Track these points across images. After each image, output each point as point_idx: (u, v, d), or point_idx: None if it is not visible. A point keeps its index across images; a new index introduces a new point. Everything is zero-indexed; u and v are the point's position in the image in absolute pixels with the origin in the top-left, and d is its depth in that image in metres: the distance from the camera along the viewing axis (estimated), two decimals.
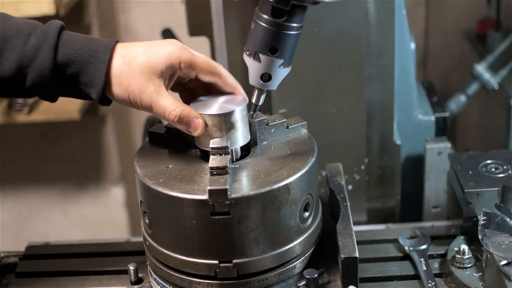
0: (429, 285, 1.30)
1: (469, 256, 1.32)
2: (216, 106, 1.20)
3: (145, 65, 1.14)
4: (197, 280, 1.18)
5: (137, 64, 1.14)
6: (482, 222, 1.28)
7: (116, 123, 2.95)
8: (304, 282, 1.18)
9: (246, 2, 1.51)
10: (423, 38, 2.69)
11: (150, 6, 2.81)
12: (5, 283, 1.43)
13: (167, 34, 2.12)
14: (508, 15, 2.36)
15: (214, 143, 1.17)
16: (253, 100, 1.21)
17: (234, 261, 1.15)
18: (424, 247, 1.41)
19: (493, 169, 1.42)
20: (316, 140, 1.26)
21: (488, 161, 1.44)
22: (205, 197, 1.11)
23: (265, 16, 1.12)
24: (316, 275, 1.18)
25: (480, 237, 1.27)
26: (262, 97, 1.21)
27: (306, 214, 1.21)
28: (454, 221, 1.47)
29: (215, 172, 1.13)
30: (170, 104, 1.15)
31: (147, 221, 1.22)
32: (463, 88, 2.25)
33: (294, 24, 1.13)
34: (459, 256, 1.32)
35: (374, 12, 1.51)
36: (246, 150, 1.24)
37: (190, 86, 1.25)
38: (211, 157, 1.16)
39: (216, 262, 1.15)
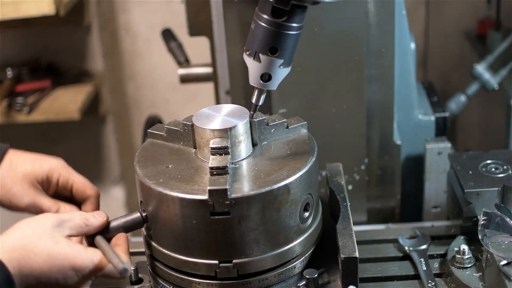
0: (429, 285, 1.30)
1: (469, 256, 1.32)
2: (219, 120, 1.20)
3: (28, 171, 1.29)
4: (197, 280, 1.18)
5: (21, 170, 1.29)
6: (482, 222, 1.28)
7: (116, 123, 2.95)
8: (304, 282, 1.18)
9: (246, 2, 1.52)
10: (423, 38, 2.69)
11: (150, 6, 2.81)
12: None
13: (167, 34, 2.12)
14: (508, 15, 2.36)
15: (214, 143, 1.17)
16: (253, 100, 1.21)
17: (234, 261, 1.15)
18: (424, 247, 1.41)
19: (493, 169, 1.42)
20: (316, 140, 1.26)
21: (488, 161, 1.44)
22: (205, 197, 1.11)
23: (265, 16, 1.12)
24: (316, 275, 1.18)
25: (480, 237, 1.27)
26: (262, 97, 1.21)
27: (306, 214, 1.21)
28: (454, 221, 1.47)
29: (215, 172, 1.13)
30: (52, 203, 1.30)
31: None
32: (463, 88, 2.25)
33: (294, 24, 1.13)
34: (459, 256, 1.32)
35: (374, 12, 1.51)
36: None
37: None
38: (211, 157, 1.16)
39: (216, 262, 1.15)
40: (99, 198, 1.34)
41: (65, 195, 1.34)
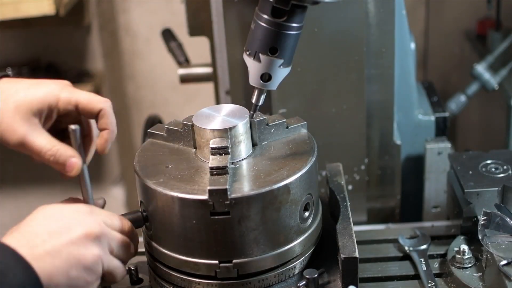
0: (429, 285, 1.30)
1: (469, 256, 1.32)
2: (219, 120, 1.21)
3: (21, 101, 1.11)
4: (197, 280, 1.18)
5: (13, 100, 1.11)
6: (482, 222, 1.28)
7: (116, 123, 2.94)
8: (304, 282, 1.18)
9: (246, 2, 1.52)
10: (423, 38, 2.69)
11: (150, 6, 2.81)
12: None
13: (167, 34, 2.12)
14: (508, 15, 2.36)
15: (214, 143, 1.17)
16: (253, 100, 1.21)
17: (234, 261, 1.15)
18: (424, 247, 1.41)
19: (493, 169, 1.42)
20: (316, 140, 1.26)
21: (488, 161, 1.44)
22: (205, 197, 1.11)
23: (265, 16, 1.12)
24: (316, 275, 1.18)
25: (480, 237, 1.27)
26: (262, 97, 1.21)
27: (306, 214, 1.20)
28: (454, 221, 1.47)
29: (215, 172, 1.13)
30: (46, 143, 1.12)
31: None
32: (463, 88, 2.25)
33: (294, 24, 1.13)
34: (459, 256, 1.32)
35: (374, 12, 1.51)
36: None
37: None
38: (211, 157, 1.16)
39: (216, 262, 1.15)
40: (111, 109, 1.18)
41: (72, 119, 1.17)
